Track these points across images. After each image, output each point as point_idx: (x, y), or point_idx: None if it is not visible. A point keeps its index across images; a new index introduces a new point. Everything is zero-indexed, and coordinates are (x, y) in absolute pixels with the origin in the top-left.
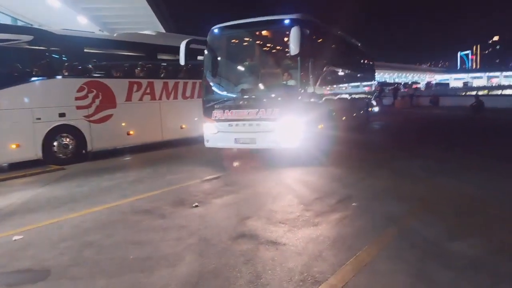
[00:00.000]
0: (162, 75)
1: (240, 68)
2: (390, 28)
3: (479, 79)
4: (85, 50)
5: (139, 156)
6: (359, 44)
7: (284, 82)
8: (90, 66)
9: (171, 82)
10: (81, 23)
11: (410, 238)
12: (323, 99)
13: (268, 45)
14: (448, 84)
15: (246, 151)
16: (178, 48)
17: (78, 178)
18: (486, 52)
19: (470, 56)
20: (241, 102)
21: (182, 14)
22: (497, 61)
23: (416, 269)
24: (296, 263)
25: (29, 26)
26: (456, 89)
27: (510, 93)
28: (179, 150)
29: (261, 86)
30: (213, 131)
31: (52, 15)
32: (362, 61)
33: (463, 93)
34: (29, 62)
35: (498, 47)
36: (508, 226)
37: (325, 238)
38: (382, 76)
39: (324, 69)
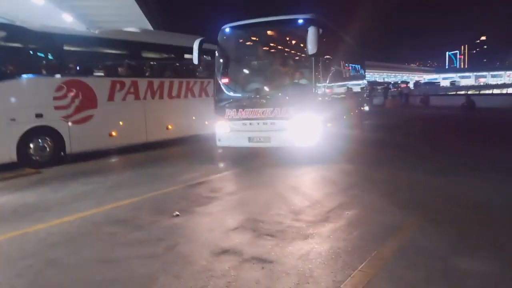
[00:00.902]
0: (147, 73)
1: (253, 67)
2: (377, 27)
3: (467, 79)
4: (64, 48)
5: (123, 158)
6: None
7: (298, 81)
8: (70, 64)
9: (156, 81)
10: (67, 21)
11: (412, 254)
12: (331, 98)
13: (282, 44)
14: (438, 83)
15: (236, 152)
16: (164, 45)
17: (53, 182)
18: (474, 51)
19: (458, 56)
20: (255, 101)
21: (173, 11)
22: (484, 60)
23: None
24: (284, 286)
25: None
26: (446, 88)
27: (501, 93)
28: (164, 152)
29: (275, 85)
30: (226, 130)
31: (36, 13)
32: (357, 60)
33: (454, 93)
34: (3, 59)
35: (485, 47)
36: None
37: (317, 254)
38: (372, 75)
39: (332, 68)
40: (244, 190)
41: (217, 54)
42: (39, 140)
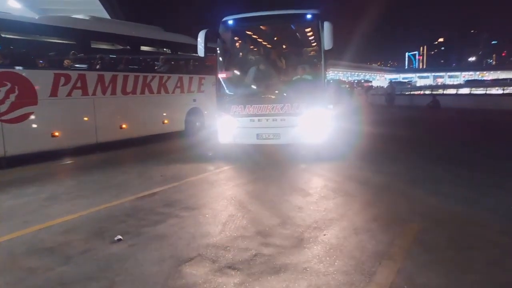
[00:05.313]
0: (97, 66)
1: (259, 62)
2: (339, 27)
3: (426, 79)
4: None
5: (69, 162)
6: None
7: (308, 76)
8: (3, 54)
9: (107, 75)
10: (14, 9)
11: None
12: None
13: (289, 38)
14: (404, 83)
15: (202, 154)
16: (118, 35)
17: None
18: (432, 52)
19: (417, 57)
20: (264, 97)
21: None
22: (442, 61)
23: None
24: None
25: None
26: (411, 88)
27: (464, 93)
28: (116, 155)
29: (285, 80)
30: (232, 127)
31: None
32: None
33: (420, 92)
34: None
35: (443, 48)
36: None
37: None
38: (336, 74)
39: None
40: (207, 203)
41: (219, 48)
42: None
